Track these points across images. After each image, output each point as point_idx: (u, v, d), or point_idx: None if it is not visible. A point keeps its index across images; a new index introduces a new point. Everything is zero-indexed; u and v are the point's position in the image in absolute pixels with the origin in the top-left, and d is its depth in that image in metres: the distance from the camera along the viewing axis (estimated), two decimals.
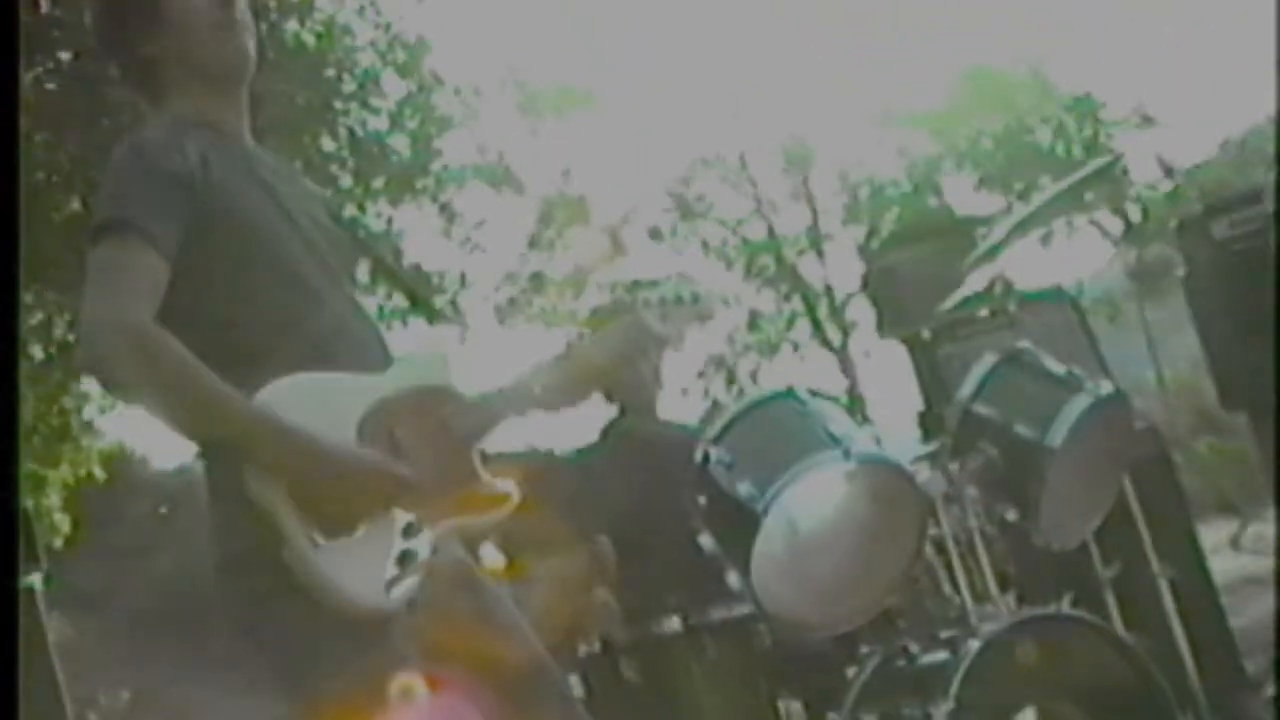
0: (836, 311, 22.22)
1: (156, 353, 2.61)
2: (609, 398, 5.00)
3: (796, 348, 22.90)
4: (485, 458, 2.99)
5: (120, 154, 2.82)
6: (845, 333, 22.06)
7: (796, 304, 22.86)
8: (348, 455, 2.70)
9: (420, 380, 2.90)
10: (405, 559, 2.71)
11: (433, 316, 3.69)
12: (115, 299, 2.65)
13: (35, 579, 4.41)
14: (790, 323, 23.01)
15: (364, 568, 2.66)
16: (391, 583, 2.68)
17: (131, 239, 2.68)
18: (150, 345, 2.61)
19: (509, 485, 2.95)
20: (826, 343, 22.27)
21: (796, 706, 4.02)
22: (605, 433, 5.02)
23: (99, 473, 14.70)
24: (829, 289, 22.44)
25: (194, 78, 2.96)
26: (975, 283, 4.35)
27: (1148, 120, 20.46)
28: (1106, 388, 3.98)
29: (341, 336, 2.89)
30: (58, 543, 13.74)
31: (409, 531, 2.74)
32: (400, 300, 12.65)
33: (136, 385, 2.66)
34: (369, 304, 12.04)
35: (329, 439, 2.68)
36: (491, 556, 4.88)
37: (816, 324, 22.46)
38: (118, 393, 2.80)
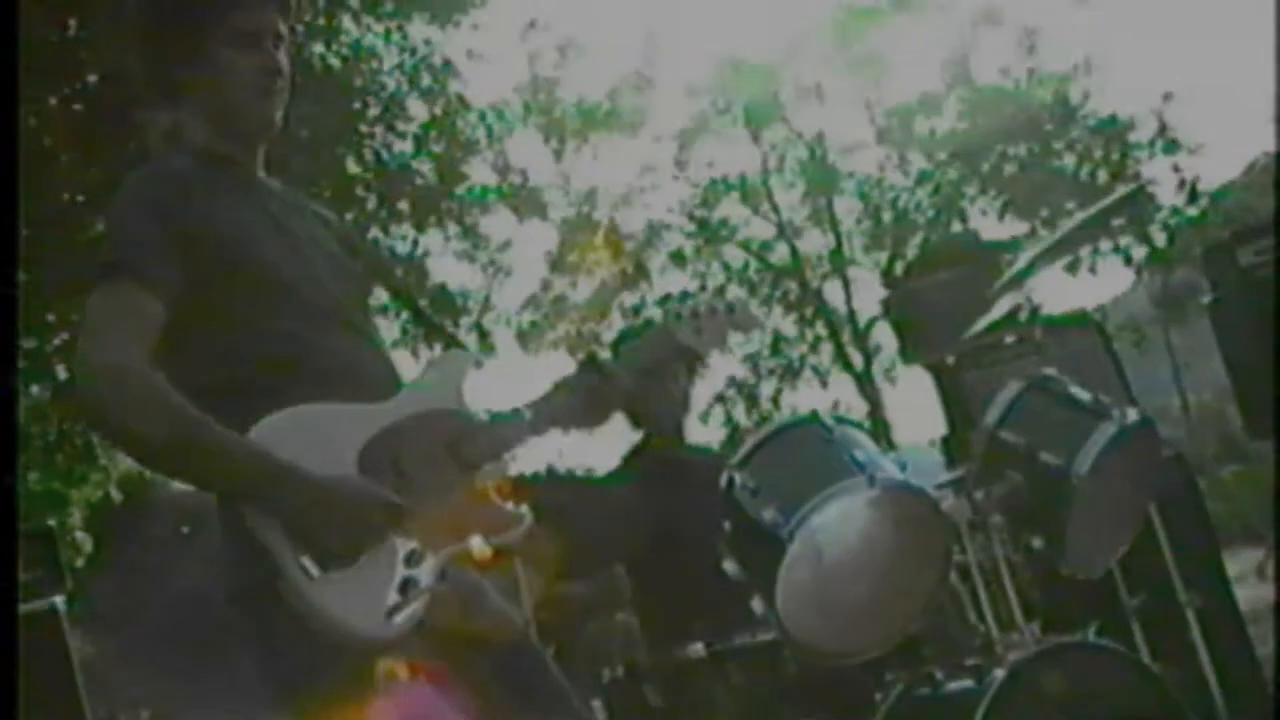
0: (860, 336, 22.22)
1: (144, 398, 2.62)
2: (635, 423, 4.99)
3: (819, 372, 22.91)
4: (503, 480, 2.97)
5: (120, 194, 2.84)
6: (868, 358, 22.06)
7: (820, 328, 22.87)
8: (339, 488, 2.68)
9: (428, 405, 2.88)
10: (407, 586, 2.70)
11: (449, 342, 3.64)
12: (105, 344, 2.67)
13: (59, 599, 4.42)
14: (813, 347, 23.02)
15: (364, 596, 2.66)
16: (393, 611, 2.67)
17: (125, 282, 2.70)
18: (142, 390, 2.62)
19: (522, 508, 2.93)
20: (849, 367, 22.26)
21: None
22: (630, 457, 5.01)
23: (116, 494, 14.76)
24: (852, 313, 22.45)
25: (215, 118, 2.98)
26: (1000, 309, 4.33)
27: (1174, 144, 20.42)
28: (1133, 415, 3.95)
29: (347, 366, 2.89)
30: (80, 562, 13.79)
31: (412, 559, 2.73)
32: (434, 309, 12.72)
33: (124, 432, 2.67)
34: (393, 329, 12.12)
35: (320, 473, 2.67)
36: (478, 546, 4.87)
37: (840, 349, 22.46)
38: (109, 439, 2.80)
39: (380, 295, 3.16)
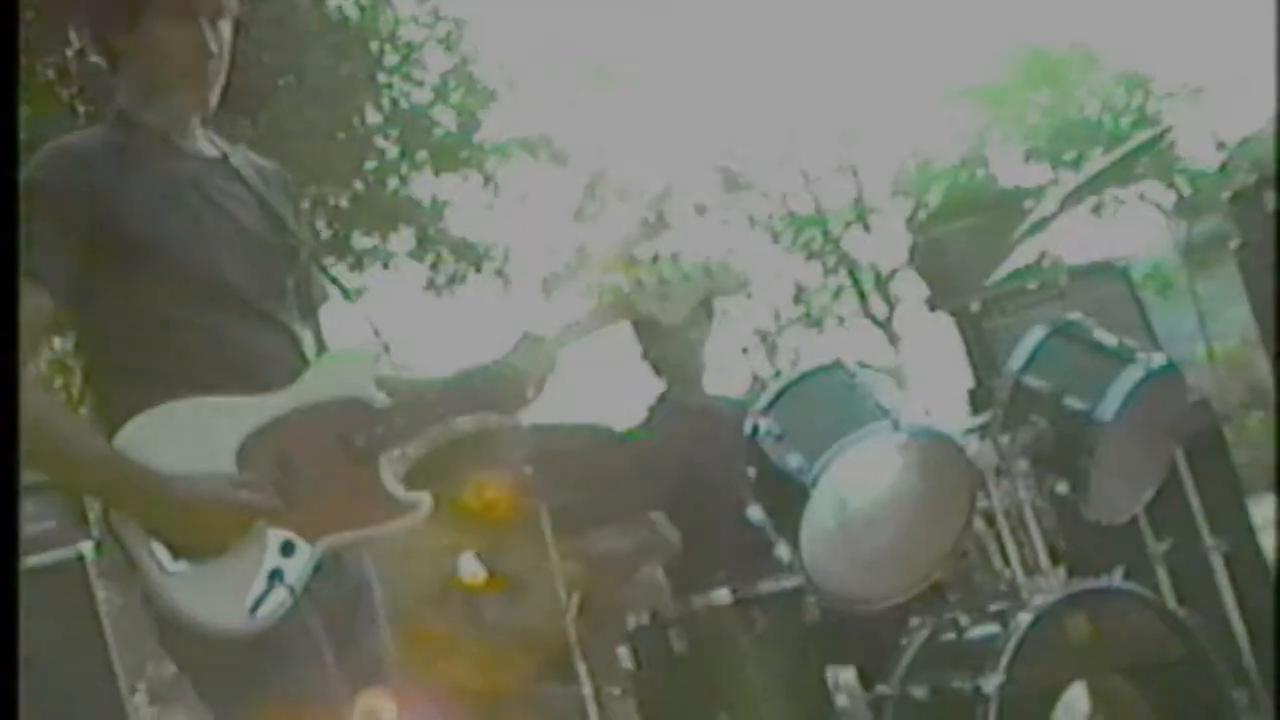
0: (882, 285, 22.17)
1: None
2: (657, 372, 4.99)
3: (842, 321, 22.88)
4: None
5: (25, 177, 2.74)
6: (891, 306, 22.01)
7: (842, 277, 22.83)
8: (188, 488, 2.64)
9: (322, 395, 2.82)
10: (273, 577, 2.67)
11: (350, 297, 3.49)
12: None
13: (86, 547, 4.42)
14: (836, 296, 22.98)
15: (224, 590, 2.64)
16: (258, 602, 2.65)
17: (21, 278, 2.65)
18: None
19: (420, 495, 2.87)
20: (872, 316, 22.22)
21: (846, 677, 4.00)
22: (654, 407, 5.01)
23: None
24: (875, 262, 22.39)
25: (145, 91, 2.89)
26: (1024, 255, 4.31)
27: (1198, 92, 20.28)
28: (1159, 360, 3.94)
29: (248, 356, 2.82)
30: None
31: (286, 549, 2.70)
32: (453, 266, 12.74)
33: None
34: (419, 273, 12.19)
35: (175, 472, 2.64)
36: (470, 569, 4.86)
37: (862, 298, 22.41)
38: None
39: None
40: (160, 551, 2.62)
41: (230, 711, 2.73)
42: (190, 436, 2.68)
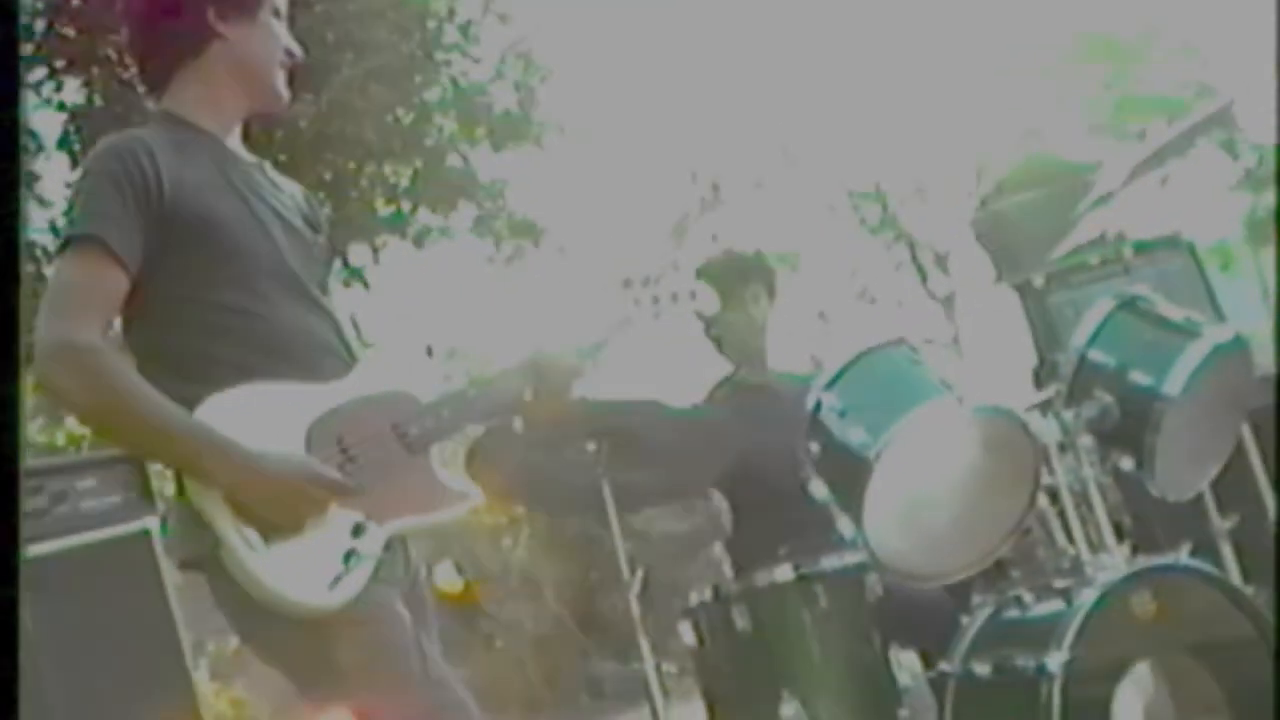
0: (943, 260, 22.02)
1: (94, 374, 2.70)
2: (719, 348, 5.01)
3: (902, 298, 22.75)
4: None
5: (85, 166, 2.89)
6: (952, 282, 21.86)
7: (902, 253, 22.69)
8: (277, 463, 2.75)
9: (377, 388, 2.98)
10: (350, 557, 2.78)
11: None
12: (62, 318, 2.73)
13: (152, 523, 4.44)
14: (895, 271, 22.85)
15: (306, 567, 2.75)
16: (336, 580, 2.75)
17: (91, 253, 2.76)
18: (89, 366, 2.69)
19: (470, 485, 3.04)
20: (932, 292, 22.08)
21: (909, 654, 3.99)
22: (717, 386, 5.02)
23: None
24: (935, 238, 22.24)
25: (232, 73, 3.06)
26: (1088, 229, 4.27)
27: (1261, 63, 20.01)
28: (1225, 334, 3.90)
29: (302, 340, 2.96)
30: (169, 489, 13.95)
31: (358, 531, 2.82)
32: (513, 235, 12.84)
33: (75, 404, 2.76)
34: (480, 247, 12.29)
35: (260, 449, 2.74)
36: (447, 578, 4.87)
37: (921, 274, 22.28)
38: (65, 409, 2.90)
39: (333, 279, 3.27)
40: (248, 530, 2.71)
41: (325, 685, 2.80)
42: (262, 420, 2.78)
